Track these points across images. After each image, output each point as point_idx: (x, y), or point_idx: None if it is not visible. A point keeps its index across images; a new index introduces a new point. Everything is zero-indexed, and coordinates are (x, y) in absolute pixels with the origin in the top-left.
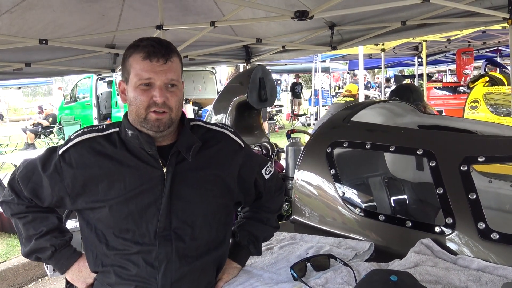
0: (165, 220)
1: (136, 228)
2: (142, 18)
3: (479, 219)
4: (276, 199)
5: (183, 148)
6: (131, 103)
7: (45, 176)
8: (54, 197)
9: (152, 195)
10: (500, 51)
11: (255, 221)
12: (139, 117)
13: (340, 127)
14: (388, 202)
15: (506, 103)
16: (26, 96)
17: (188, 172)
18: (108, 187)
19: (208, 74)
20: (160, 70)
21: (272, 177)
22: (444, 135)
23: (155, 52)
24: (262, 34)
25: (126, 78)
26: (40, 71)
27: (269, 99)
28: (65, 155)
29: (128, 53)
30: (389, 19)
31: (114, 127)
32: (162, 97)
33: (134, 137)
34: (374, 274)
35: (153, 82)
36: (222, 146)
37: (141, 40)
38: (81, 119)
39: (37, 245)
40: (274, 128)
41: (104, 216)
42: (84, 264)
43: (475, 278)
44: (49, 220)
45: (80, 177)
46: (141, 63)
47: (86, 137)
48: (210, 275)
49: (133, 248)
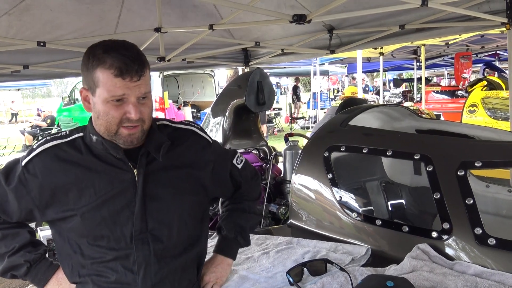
0: (141, 223)
1: (110, 234)
2: (141, 21)
3: (476, 224)
4: (254, 186)
5: (152, 148)
6: (100, 117)
7: (9, 190)
8: (22, 210)
9: (124, 199)
10: (499, 55)
11: (238, 211)
12: (110, 131)
13: (337, 131)
14: (385, 206)
15: (504, 107)
16: (25, 98)
17: (160, 172)
18: (78, 195)
19: (207, 77)
20: (133, 86)
21: (245, 165)
22: (441, 140)
23: (128, 70)
24: (261, 37)
25: (92, 89)
26: (38, 73)
27: (267, 103)
28: (29, 166)
29: (93, 63)
30: (388, 23)
31: (78, 132)
32: (137, 114)
33: (98, 143)
34: (370, 280)
35: (126, 98)
36: (190, 144)
37: (107, 50)
38: (80, 121)
39: (11, 262)
40: (273, 131)
41: (76, 225)
42: (63, 276)
43: (472, 284)
44: (20, 236)
45: (47, 187)
46: (113, 79)
47: (49, 145)
48: (191, 273)
49: (109, 254)
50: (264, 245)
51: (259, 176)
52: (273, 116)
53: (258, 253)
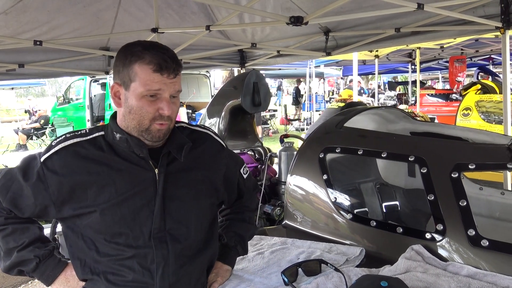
0: (160, 222)
1: (129, 231)
2: (137, 21)
3: (469, 226)
4: (254, 198)
5: (174, 148)
6: (133, 111)
7: (27, 185)
8: (37, 206)
9: (144, 197)
10: (493, 59)
11: (239, 221)
12: (141, 126)
13: (333, 133)
14: (379, 208)
15: (498, 111)
16: (18, 97)
17: (180, 172)
18: (97, 192)
19: (203, 78)
20: (169, 82)
21: (249, 176)
22: (435, 142)
23: (167, 66)
24: (257, 39)
25: (126, 84)
26: (33, 72)
27: (262, 104)
28: (48, 163)
29: (132, 59)
30: (384, 26)
31: (99, 131)
32: (170, 110)
33: (122, 140)
34: (364, 280)
35: (160, 94)
36: (207, 147)
37: (147, 48)
38: (74, 121)
39: (19, 257)
40: (268, 133)
41: (94, 222)
42: (72, 273)
43: (465, 285)
44: (30, 231)
45: (67, 184)
46: (151, 75)
47: (69, 143)
48: (203, 275)
49: (127, 252)
50: (258, 246)
51: (259, 188)
52: (268, 118)
53: (253, 253)
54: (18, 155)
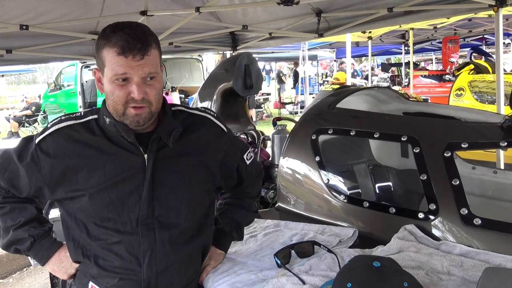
0: (147, 208)
1: (117, 217)
2: (126, 4)
3: (462, 205)
4: (256, 185)
5: (163, 133)
6: (108, 96)
7: (21, 166)
8: (32, 187)
9: (133, 183)
10: (486, 39)
11: (237, 207)
12: (117, 112)
13: (325, 114)
14: (372, 189)
15: (491, 91)
16: (9, 85)
17: (170, 158)
18: (87, 175)
19: (195, 62)
20: (136, 65)
21: (252, 162)
22: (428, 122)
23: (130, 48)
24: (248, 21)
25: (101, 68)
26: (22, 58)
27: (254, 86)
28: (42, 144)
29: (101, 43)
30: (376, 5)
31: (92, 114)
32: (141, 94)
33: (111, 125)
34: (357, 260)
35: (129, 77)
36: (204, 131)
37: (114, 30)
38: (66, 107)
39: (15, 236)
40: (262, 116)
41: (84, 205)
42: (65, 254)
43: (458, 263)
44: (27, 211)
45: (58, 166)
46: (115, 58)
47: (63, 125)
48: (196, 262)
49: (114, 237)
50: (251, 228)
51: (263, 174)
52: (262, 101)
53: (246, 236)
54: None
